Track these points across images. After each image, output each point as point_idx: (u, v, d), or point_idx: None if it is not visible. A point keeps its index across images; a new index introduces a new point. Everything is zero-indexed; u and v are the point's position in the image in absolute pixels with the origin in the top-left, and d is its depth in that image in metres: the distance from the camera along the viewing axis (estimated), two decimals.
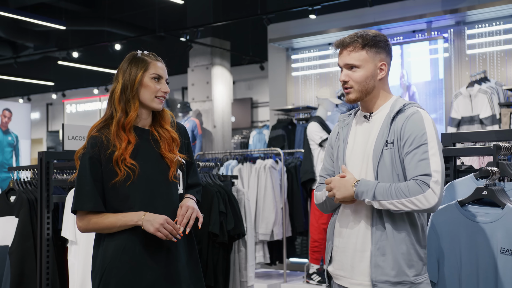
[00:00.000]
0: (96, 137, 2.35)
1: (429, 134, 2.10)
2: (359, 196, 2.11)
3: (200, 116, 10.19)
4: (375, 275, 2.12)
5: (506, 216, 2.24)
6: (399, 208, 2.06)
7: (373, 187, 2.08)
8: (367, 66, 2.21)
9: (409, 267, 2.11)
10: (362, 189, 2.10)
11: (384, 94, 2.27)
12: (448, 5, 7.01)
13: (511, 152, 2.52)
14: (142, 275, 2.29)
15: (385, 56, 2.24)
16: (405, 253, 2.11)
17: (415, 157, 2.08)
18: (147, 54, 2.43)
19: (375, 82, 2.23)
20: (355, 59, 2.21)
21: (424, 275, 2.16)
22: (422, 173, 2.05)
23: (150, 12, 10.95)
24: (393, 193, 2.06)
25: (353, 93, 2.24)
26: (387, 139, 2.16)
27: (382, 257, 2.12)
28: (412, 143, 2.10)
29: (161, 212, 2.30)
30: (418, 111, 2.16)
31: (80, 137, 3.70)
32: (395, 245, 2.11)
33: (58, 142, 16.54)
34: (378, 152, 2.15)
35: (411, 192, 2.04)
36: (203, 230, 3.81)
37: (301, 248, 6.50)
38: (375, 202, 2.09)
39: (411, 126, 2.12)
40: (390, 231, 2.12)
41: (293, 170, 6.03)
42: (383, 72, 2.23)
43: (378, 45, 2.22)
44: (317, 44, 8.06)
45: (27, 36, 12.25)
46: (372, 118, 2.26)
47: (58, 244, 3.63)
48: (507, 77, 6.75)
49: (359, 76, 2.21)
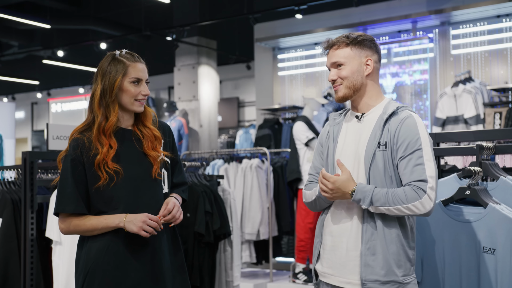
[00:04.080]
0: (78, 139, 2.34)
1: (423, 139, 2.14)
2: (357, 202, 2.15)
3: (186, 116, 10.17)
4: (365, 274, 2.14)
5: (489, 215, 2.27)
6: (395, 213, 2.11)
7: (370, 193, 2.12)
8: (352, 62, 2.25)
9: (398, 267, 2.14)
10: (359, 197, 2.13)
11: (375, 94, 2.29)
12: (433, 6, 7.06)
13: (494, 152, 2.55)
14: (126, 275, 2.28)
15: (371, 54, 2.27)
16: (395, 253, 2.14)
17: (410, 162, 2.12)
18: (126, 55, 2.38)
19: (362, 78, 2.26)
20: (340, 56, 2.26)
21: (412, 275, 2.19)
22: (418, 178, 2.09)
23: (136, 11, 10.89)
24: (390, 200, 2.10)
25: (341, 89, 2.27)
26: (379, 140, 2.18)
27: (372, 256, 2.14)
28: (406, 148, 2.13)
29: (146, 211, 2.30)
30: (411, 115, 2.19)
31: (64, 137, 3.67)
32: (386, 245, 2.13)
33: (43, 142, 16.40)
34: (370, 154, 2.18)
35: (408, 199, 2.08)
36: (189, 230, 3.80)
37: (287, 247, 6.51)
38: (371, 207, 2.13)
39: (405, 131, 2.15)
40: (381, 231, 2.14)
41: (279, 169, 6.04)
42: (369, 68, 2.26)
43: (363, 42, 2.27)
44: (303, 44, 8.08)
45: (12, 34, 12.13)
46: (363, 118, 2.28)
47: (42, 244, 3.60)
48: (491, 77, 6.81)
49: (345, 72, 2.26)
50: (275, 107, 7.79)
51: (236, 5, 10.01)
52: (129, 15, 11.87)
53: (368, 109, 2.29)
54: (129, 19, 12.01)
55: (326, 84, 7.86)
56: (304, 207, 5.57)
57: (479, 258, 2.28)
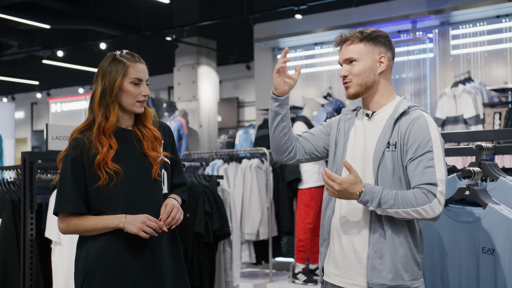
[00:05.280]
0: (78, 138, 2.34)
1: (434, 140, 2.07)
2: (364, 204, 2.07)
3: (186, 116, 10.17)
4: (372, 278, 2.10)
5: (488, 216, 2.27)
6: (403, 216, 2.05)
7: (378, 195, 2.04)
8: (366, 59, 2.19)
9: (406, 271, 2.09)
10: (367, 198, 2.05)
11: (386, 92, 2.23)
12: (433, 6, 7.06)
13: (493, 152, 2.55)
14: (125, 275, 2.28)
15: (385, 51, 2.21)
16: (403, 256, 2.09)
17: (420, 164, 2.05)
18: (126, 56, 2.38)
19: (374, 76, 2.20)
20: (353, 52, 2.20)
21: (419, 280, 2.14)
22: (428, 181, 2.03)
23: (135, 11, 10.89)
24: (399, 202, 2.03)
25: (352, 87, 2.21)
26: (389, 140, 2.12)
27: (379, 260, 2.09)
28: (417, 150, 2.07)
29: (145, 212, 2.30)
30: (423, 115, 2.12)
31: (64, 137, 3.67)
32: (394, 249, 2.08)
33: (42, 142, 16.40)
34: (379, 154, 2.12)
35: (418, 203, 2.01)
36: (188, 230, 3.80)
37: (287, 247, 6.51)
38: (379, 209, 2.06)
39: (416, 131, 2.09)
40: (389, 234, 2.09)
41: (279, 169, 6.03)
42: (382, 65, 2.20)
43: (377, 39, 2.20)
44: (303, 44, 8.07)
45: (11, 34, 12.13)
46: (374, 117, 2.22)
47: (42, 244, 3.60)
48: (490, 78, 6.82)
49: (357, 69, 2.19)
50: None
51: (236, 5, 10.01)
52: (129, 15, 11.87)
53: (379, 107, 2.23)
54: (128, 19, 12.00)
55: (325, 84, 7.86)
56: (304, 207, 5.57)
57: (478, 259, 2.28)
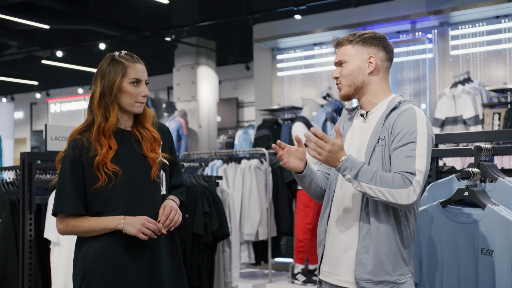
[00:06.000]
0: (77, 139, 2.34)
1: (419, 132, 2.08)
2: (342, 170, 2.07)
3: (185, 116, 10.17)
4: (359, 273, 2.12)
5: (487, 217, 2.27)
6: (376, 195, 2.04)
7: (359, 166, 2.05)
8: (353, 60, 2.23)
9: (391, 266, 2.10)
10: (347, 165, 2.05)
11: (380, 92, 2.26)
12: (432, 6, 7.06)
13: (492, 153, 2.55)
14: (124, 276, 2.28)
15: (375, 51, 2.23)
16: (387, 251, 2.10)
17: (402, 153, 2.06)
18: (125, 56, 2.38)
19: (363, 77, 2.23)
20: (342, 55, 2.26)
21: (407, 275, 2.14)
22: (406, 170, 2.03)
23: (135, 11, 10.89)
24: (377, 179, 2.03)
25: (342, 88, 2.27)
26: (379, 136, 2.15)
27: (366, 255, 2.11)
28: (401, 139, 2.08)
29: (143, 213, 2.30)
30: (413, 108, 2.14)
31: (63, 138, 3.67)
32: (378, 244, 2.10)
33: (42, 142, 16.39)
34: (370, 150, 2.15)
35: (396, 185, 2.02)
36: (187, 231, 3.80)
37: (286, 248, 6.51)
38: (355, 181, 2.06)
39: (402, 122, 2.10)
40: (375, 229, 2.11)
41: (278, 170, 6.03)
42: (371, 66, 2.22)
43: (367, 40, 2.24)
44: (302, 44, 8.07)
45: (11, 35, 12.13)
46: (368, 117, 2.25)
47: (40, 245, 3.60)
48: (490, 78, 6.82)
49: (345, 70, 2.24)
50: (274, 107, 7.80)
51: (235, 5, 10.01)
52: (128, 15, 11.87)
53: (372, 107, 2.26)
54: (128, 20, 12.01)
55: (325, 84, 7.86)
56: (303, 208, 5.57)
57: (477, 260, 2.28)
